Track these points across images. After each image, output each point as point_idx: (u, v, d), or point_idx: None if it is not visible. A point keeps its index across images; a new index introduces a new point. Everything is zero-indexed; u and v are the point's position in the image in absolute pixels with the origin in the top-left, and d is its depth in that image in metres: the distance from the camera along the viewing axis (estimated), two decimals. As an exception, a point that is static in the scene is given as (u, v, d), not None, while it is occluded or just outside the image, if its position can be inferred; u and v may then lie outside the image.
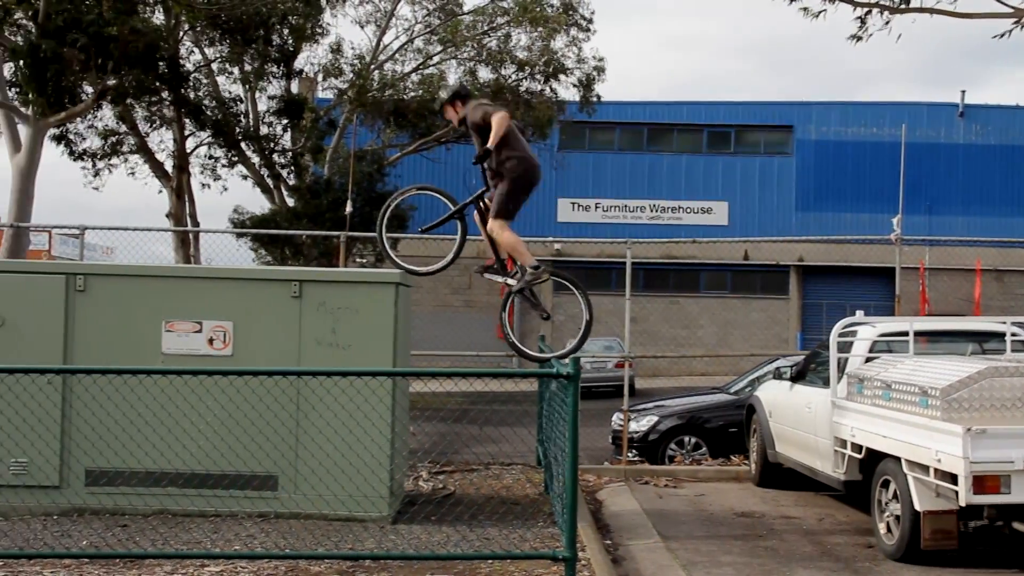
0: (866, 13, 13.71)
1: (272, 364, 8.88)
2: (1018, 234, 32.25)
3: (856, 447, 9.27)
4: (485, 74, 28.88)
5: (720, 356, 28.09)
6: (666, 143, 39.28)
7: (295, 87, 27.26)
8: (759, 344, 34.81)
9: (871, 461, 9.07)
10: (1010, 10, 13.05)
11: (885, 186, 35.33)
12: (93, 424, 8.50)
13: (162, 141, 27.33)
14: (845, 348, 10.11)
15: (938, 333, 10.62)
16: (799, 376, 11.20)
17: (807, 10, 13.73)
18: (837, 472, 9.71)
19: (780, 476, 11.71)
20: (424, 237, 9.05)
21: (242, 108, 26.44)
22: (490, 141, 7.60)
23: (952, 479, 7.69)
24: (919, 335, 10.03)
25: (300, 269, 11.76)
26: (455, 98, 8.19)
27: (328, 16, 27.05)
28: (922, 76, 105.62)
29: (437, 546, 8.14)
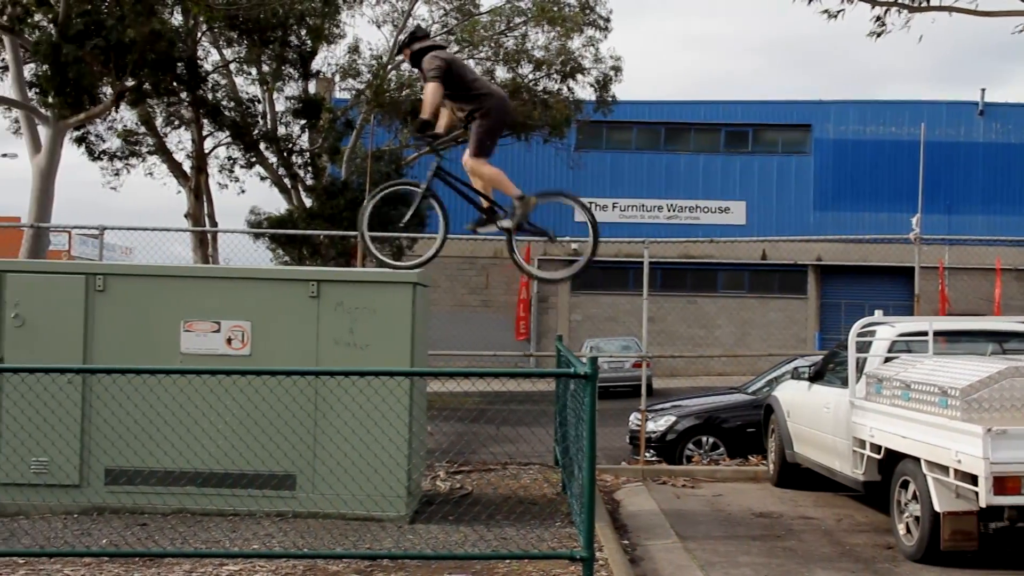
0: (885, 12, 13.65)
1: (290, 364, 8.89)
2: (1039, 233, 32.06)
3: (875, 447, 9.22)
4: (502, 73, 28.92)
5: (738, 356, 28.01)
6: (683, 142, 39.17)
7: (312, 88, 27.33)
8: (777, 344, 34.72)
9: (890, 461, 9.02)
10: (1030, 8, 12.98)
11: (904, 185, 35.04)
12: (113, 423, 8.54)
13: (180, 142, 27.57)
14: (864, 348, 10.06)
15: (958, 333, 10.53)
16: (817, 376, 11.15)
17: (827, 12, 13.71)
18: (856, 472, 9.66)
19: (798, 476, 11.66)
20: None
21: (260, 109, 26.54)
22: (423, 113, 8.10)
23: (972, 480, 7.64)
24: (938, 335, 9.95)
25: (318, 269, 11.77)
26: (412, 41, 8.59)
27: (345, 16, 27.18)
28: (941, 74, 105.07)
29: (455, 546, 8.14)
